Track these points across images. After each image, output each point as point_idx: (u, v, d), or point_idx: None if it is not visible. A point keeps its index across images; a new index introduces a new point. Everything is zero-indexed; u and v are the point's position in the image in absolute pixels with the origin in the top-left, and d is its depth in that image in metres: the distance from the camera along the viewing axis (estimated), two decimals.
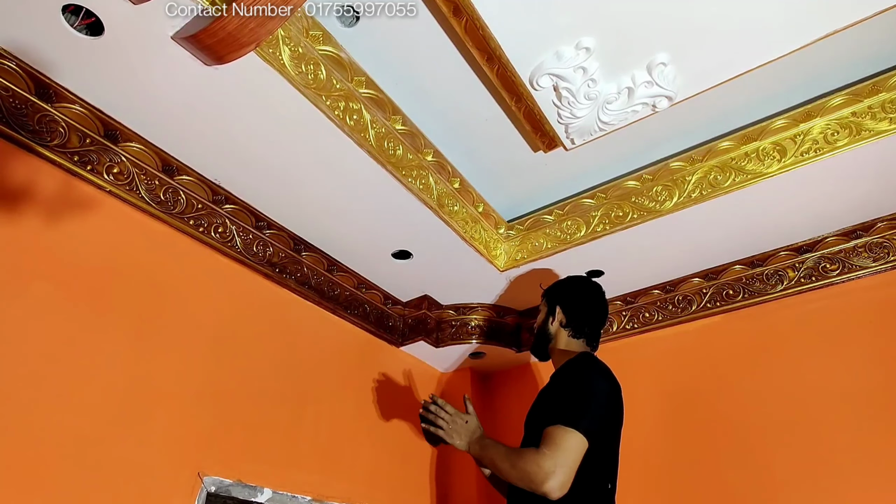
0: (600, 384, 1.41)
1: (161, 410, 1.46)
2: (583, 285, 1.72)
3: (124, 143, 1.49)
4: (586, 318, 1.64)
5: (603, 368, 1.49)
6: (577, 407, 1.33)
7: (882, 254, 1.87)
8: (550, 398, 1.47)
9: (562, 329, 1.64)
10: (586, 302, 1.67)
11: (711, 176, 1.76)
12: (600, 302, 1.69)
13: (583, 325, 1.63)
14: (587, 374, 1.44)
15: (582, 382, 1.41)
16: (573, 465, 1.25)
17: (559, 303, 1.67)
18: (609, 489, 1.39)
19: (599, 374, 1.44)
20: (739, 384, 1.99)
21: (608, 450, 1.41)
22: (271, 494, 1.63)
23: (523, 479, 1.28)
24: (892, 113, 1.53)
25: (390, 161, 1.65)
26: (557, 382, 1.49)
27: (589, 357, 1.52)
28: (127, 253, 1.50)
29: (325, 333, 2.05)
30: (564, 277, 1.80)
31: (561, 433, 1.27)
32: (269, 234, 1.85)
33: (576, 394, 1.37)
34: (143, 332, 1.48)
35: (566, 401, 1.36)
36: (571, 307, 1.65)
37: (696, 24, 1.26)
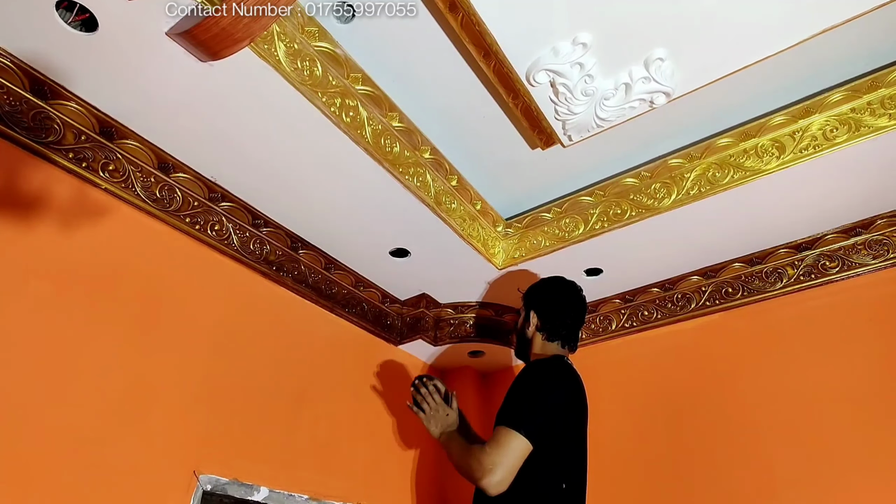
0: (553, 386, 1.46)
1: (158, 409, 1.45)
2: (557, 288, 1.73)
3: (120, 141, 1.49)
4: (561, 321, 1.66)
5: (563, 373, 1.51)
6: (524, 410, 1.40)
7: (882, 251, 1.86)
8: (506, 399, 1.52)
9: (537, 332, 1.67)
10: (560, 305, 1.68)
11: (710, 173, 1.75)
12: (575, 304, 1.70)
13: (557, 328, 1.65)
14: (541, 377, 1.49)
15: (533, 386, 1.47)
16: (512, 465, 1.32)
17: (534, 307, 1.70)
18: (564, 489, 1.42)
19: (555, 378, 1.48)
20: (739, 383, 1.99)
21: (564, 451, 1.45)
22: (268, 493, 1.62)
23: (466, 472, 1.38)
24: (892, 109, 1.52)
25: (387, 158, 1.64)
26: (514, 384, 1.53)
27: (553, 361, 1.55)
28: (124, 251, 1.49)
29: (322, 332, 2.04)
30: (541, 279, 1.82)
31: (504, 434, 1.35)
32: (266, 231, 1.85)
33: (525, 397, 1.44)
34: (140, 330, 1.47)
35: (516, 402, 1.44)
36: (545, 311, 1.68)
37: (694, 20, 1.25)
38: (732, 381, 2.00)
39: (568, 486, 1.44)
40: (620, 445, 2.14)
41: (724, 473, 1.89)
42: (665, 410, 2.11)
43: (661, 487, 2.00)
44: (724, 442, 1.93)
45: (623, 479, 2.09)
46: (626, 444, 2.14)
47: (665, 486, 2.00)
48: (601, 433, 2.20)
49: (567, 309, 1.69)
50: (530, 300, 1.74)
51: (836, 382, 1.80)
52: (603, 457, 2.16)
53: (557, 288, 1.74)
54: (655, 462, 2.05)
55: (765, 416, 1.89)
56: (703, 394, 2.05)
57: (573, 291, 1.73)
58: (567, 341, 1.67)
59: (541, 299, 1.72)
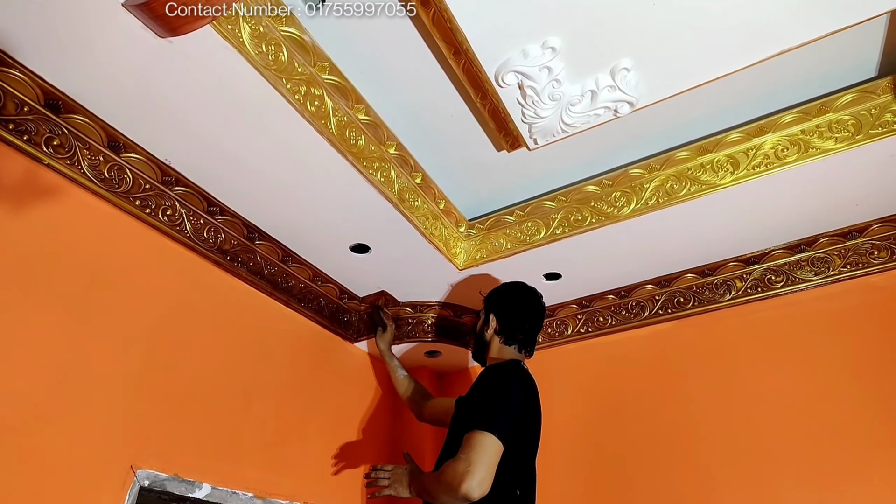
0: (516, 390, 1.47)
1: (94, 398, 1.38)
2: (518, 293, 1.76)
3: (67, 115, 1.41)
4: (519, 326, 1.68)
5: (523, 377, 1.53)
6: (491, 411, 1.39)
7: (823, 268, 1.95)
8: (467, 405, 1.52)
9: (495, 336, 1.69)
10: (520, 310, 1.71)
11: (668, 184, 1.80)
12: (535, 310, 1.73)
13: (515, 332, 1.68)
14: (503, 379, 1.50)
15: (497, 387, 1.47)
16: (489, 465, 1.29)
17: (493, 310, 1.72)
18: (518, 495, 1.43)
19: (517, 381, 1.50)
20: (686, 389, 2.05)
21: (520, 457, 1.46)
22: (210, 490, 1.56)
23: (446, 489, 1.31)
24: (838, 133, 1.60)
25: (351, 151, 1.61)
26: (474, 389, 1.54)
27: (511, 366, 1.56)
28: (66, 231, 1.41)
29: (276, 326, 1.99)
30: (502, 284, 1.84)
31: (475, 436, 1.32)
32: (222, 220, 1.78)
33: (491, 399, 1.44)
34: (79, 315, 1.39)
35: (482, 406, 1.42)
36: (505, 315, 1.69)
37: (660, 33, 1.28)
38: (680, 388, 2.06)
39: (521, 492, 1.45)
40: (570, 448, 2.17)
41: (668, 476, 1.95)
42: (615, 415, 2.15)
43: (609, 489, 2.04)
44: (670, 446, 1.99)
45: (571, 481, 2.12)
46: (576, 446, 2.17)
47: (612, 487, 2.04)
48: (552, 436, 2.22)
49: (526, 314, 1.71)
50: (491, 304, 1.75)
51: (778, 392, 1.88)
52: (552, 459, 2.18)
53: (518, 293, 1.76)
54: (603, 464, 2.09)
55: (709, 421, 1.95)
56: (652, 399, 2.10)
57: (533, 297, 1.75)
58: (524, 346, 1.69)
59: (501, 303, 1.73)
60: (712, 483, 1.86)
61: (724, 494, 1.83)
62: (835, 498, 1.68)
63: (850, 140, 1.58)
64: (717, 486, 1.85)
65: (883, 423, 1.70)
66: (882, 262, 1.87)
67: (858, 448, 1.70)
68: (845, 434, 1.73)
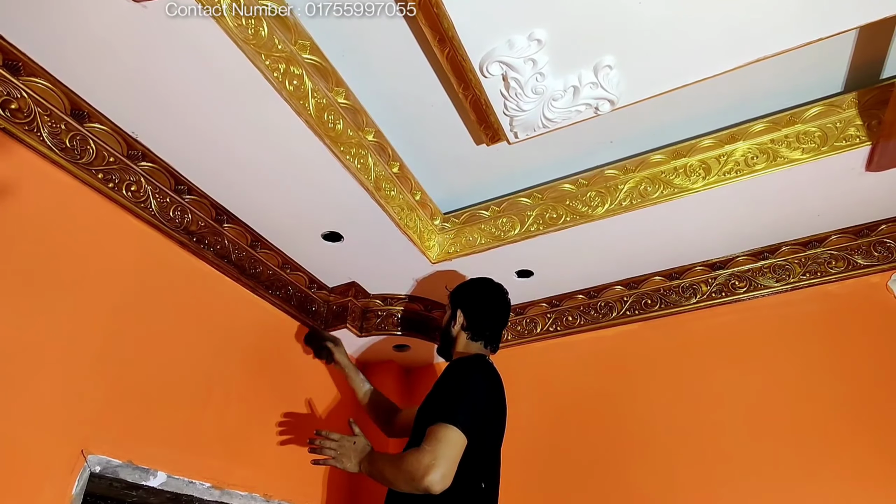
0: (480, 383, 1.47)
1: (44, 378, 1.30)
2: (485, 289, 1.77)
3: (27, 78, 1.33)
4: (486, 321, 1.70)
5: (488, 370, 1.54)
6: (455, 404, 1.39)
7: (784, 275, 2.02)
8: (432, 398, 1.52)
9: (462, 332, 1.69)
10: (487, 306, 1.72)
11: (642, 186, 1.83)
12: (501, 306, 1.75)
13: (482, 328, 1.69)
14: (467, 372, 1.49)
15: (461, 380, 1.47)
16: (453, 458, 1.29)
17: (461, 306, 1.72)
18: (483, 489, 1.43)
19: (481, 375, 1.50)
20: (650, 389, 2.08)
21: (484, 450, 1.46)
22: (165, 479, 1.50)
23: (406, 479, 1.30)
24: (805, 144, 1.66)
25: (329, 135, 1.57)
26: (440, 382, 1.54)
27: (477, 360, 1.56)
28: (20, 200, 1.33)
29: (242, 312, 1.93)
30: (469, 280, 1.85)
31: (439, 429, 1.32)
32: (189, 199, 1.72)
33: (454, 391, 1.44)
34: (31, 288, 1.31)
35: (446, 399, 1.42)
36: (472, 311, 1.70)
37: (643, 33, 1.30)
38: (645, 388, 2.09)
39: (486, 485, 1.45)
40: (534, 445, 2.18)
41: (631, 474, 1.98)
42: (580, 413, 2.17)
43: (572, 486, 2.06)
44: (633, 444, 2.02)
45: (535, 478, 2.12)
46: (540, 444, 2.18)
47: (575, 485, 2.05)
48: (518, 432, 2.23)
49: (493, 310, 1.73)
50: (457, 299, 1.76)
51: (737, 393, 1.93)
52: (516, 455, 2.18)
53: (485, 289, 1.77)
54: (567, 462, 2.11)
55: (672, 421, 1.99)
56: (617, 399, 2.13)
57: (500, 294, 1.77)
58: (490, 342, 1.70)
59: (468, 299, 1.74)
60: (673, 481, 1.90)
61: (684, 492, 1.87)
62: (792, 496, 1.74)
63: (816, 151, 1.64)
64: (678, 485, 1.89)
65: (837, 423, 1.77)
66: (839, 272, 1.95)
67: (815, 447, 1.76)
68: (802, 434, 1.79)
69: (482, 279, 1.82)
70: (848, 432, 1.74)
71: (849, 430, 1.75)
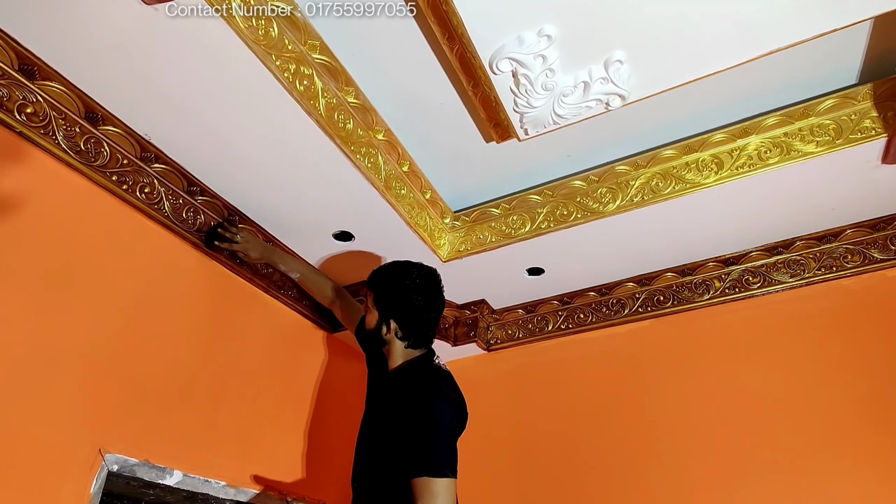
0: (443, 415, 1.38)
1: (63, 378, 1.32)
2: (421, 293, 1.53)
3: (42, 82, 1.35)
4: (423, 329, 1.53)
5: (441, 385, 1.44)
6: (435, 452, 1.31)
7: (799, 270, 2.00)
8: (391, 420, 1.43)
9: (398, 340, 1.53)
10: (426, 314, 1.53)
11: (653, 182, 1.82)
12: (439, 308, 1.57)
13: (418, 333, 1.53)
14: (429, 405, 1.37)
15: (426, 419, 1.35)
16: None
17: (394, 316, 1.52)
18: None
19: (440, 399, 1.40)
20: (662, 387, 2.07)
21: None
22: (181, 477, 1.51)
23: None
24: (819, 137, 1.64)
25: (339, 134, 1.58)
26: (398, 404, 1.43)
27: (426, 371, 1.48)
28: (36, 203, 1.35)
29: (254, 312, 1.94)
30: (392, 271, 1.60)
31: (433, 485, 1.26)
32: (202, 200, 1.73)
33: (426, 435, 1.33)
34: (49, 290, 1.34)
35: (418, 443, 1.32)
36: (409, 322, 1.51)
37: (654, 27, 1.29)
38: (658, 386, 2.08)
39: None
40: (548, 444, 2.17)
41: (644, 472, 1.96)
42: (592, 411, 2.16)
43: (586, 485, 2.05)
44: (647, 442, 2.00)
45: (547, 476, 2.12)
46: (553, 442, 2.17)
47: (588, 483, 2.04)
48: (530, 431, 2.23)
49: (430, 314, 1.54)
50: (387, 305, 1.53)
51: (751, 390, 1.91)
52: (530, 454, 2.19)
53: (416, 288, 1.53)
54: (580, 460, 2.10)
55: (685, 419, 1.98)
56: (629, 396, 2.12)
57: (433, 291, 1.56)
58: (428, 343, 1.57)
59: (398, 304, 1.52)
60: (687, 479, 1.89)
61: (699, 491, 1.85)
62: (807, 494, 1.71)
63: (831, 144, 1.62)
64: (693, 483, 1.87)
65: (854, 421, 1.74)
66: (855, 266, 1.92)
67: (830, 446, 1.74)
68: (819, 431, 1.77)
69: (409, 274, 1.56)
70: (866, 430, 1.72)
71: (866, 428, 1.72)
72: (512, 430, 2.25)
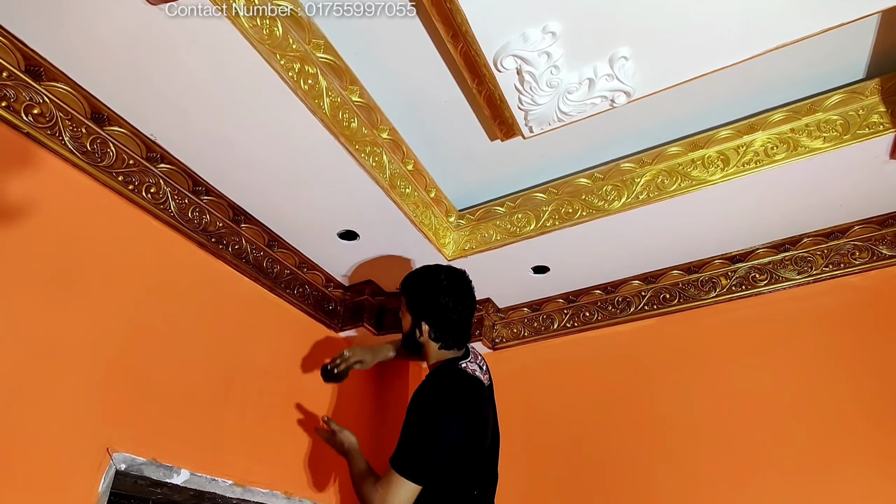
0: (448, 424, 1.39)
1: (70, 378, 1.33)
2: (450, 294, 1.56)
3: (48, 83, 1.35)
4: (454, 330, 1.57)
5: (457, 396, 1.46)
6: (414, 451, 1.37)
7: (806, 267, 1.98)
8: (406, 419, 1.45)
9: (430, 342, 1.57)
10: (454, 313, 1.55)
11: (659, 179, 1.81)
12: (468, 307, 1.59)
13: (451, 335, 1.56)
14: (434, 410, 1.40)
15: (426, 422, 1.39)
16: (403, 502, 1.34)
17: (425, 318, 1.56)
18: (475, 495, 1.45)
19: (450, 411, 1.41)
20: (669, 385, 2.06)
21: (470, 466, 1.44)
22: (188, 476, 1.52)
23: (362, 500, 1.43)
24: (826, 132, 1.63)
25: (344, 133, 1.58)
26: (411, 404, 1.45)
27: (449, 376, 1.50)
28: (44, 203, 1.35)
29: (260, 312, 1.95)
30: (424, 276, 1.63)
31: (393, 478, 1.34)
32: (207, 200, 1.74)
33: (417, 434, 1.39)
34: (56, 290, 1.34)
35: (408, 437, 1.40)
36: (438, 322, 1.55)
37: (658, 23, 1.28)
38: (664, 384, 2.07)
39: (478, 491, 1.46)
40: (553, 442, 2.17)
41: (651, 470, 1.96)
42: (598, 410, 2.16)
43: (592, 483, 2.04)
44: (653, 440, 2.00)
45: (553, 474, 2.11)
46: (559, 440, 2.17)
47: (595, 481, 2.04)
48: (535, 429, 2.23)
49: (461, 316, 1.58)
50: (420, 308, 1.58)
51: (760, 389, 1.90)
52: (535, 452, 2.18)
53: (448, 293, 1.56)
54: (586, 458, 2.09)
55: (692, 417, 1.97)
56: (635, 395, 2.11)
57: (465, 293, 1.59)
58: (461, 344, 1.60)
59: (431, 308, 1.56)
60: (695, 477, 1.88)
61: (706, 488, 1.85)
62: (815, 492, 1.71)
63: (838, 140, 1.61)
64: (700, 481, 1.87)
65: (860, 418, 1.73)
66: (863, 263, 1.90)
67: (838, 443, 1.73)
68: (826, 430, 1.76)
69: (438, 276, 1.60)
70: (873, 428, 1.70)
71: (874, 427, 1.71)
72: (518, 428, 2.24)
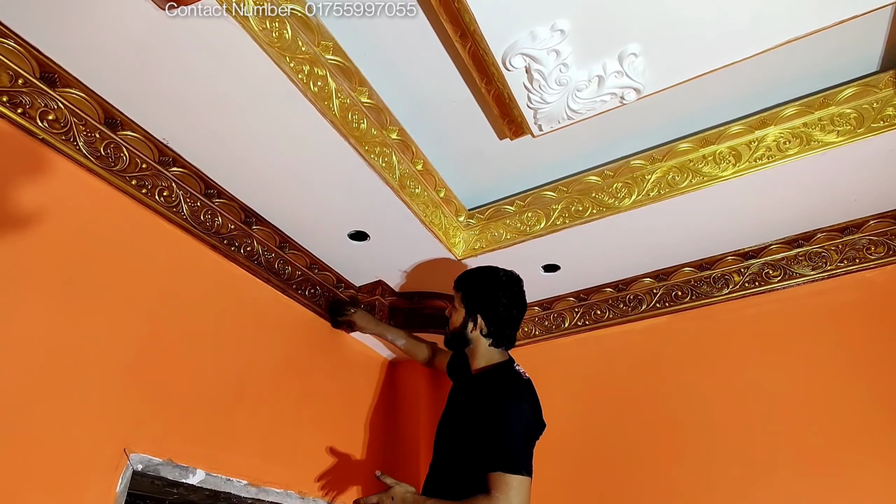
0: (520, 415, 1.44)
1: (87, 380, 1.34)
2: (507, 290, 1.63)
3: (63, 89, 1.37)
4: (509, 326, 1.61)
5: (520, 389, 1.51)
6: (512, 448, 1.38)
7: (820, 263, 1.96)
8: (469, 418, 1.49)
9: (482, 338, 1.61)
10: (510, 309, 1.61)
11: (670, 176, 1.80)
12: (522, 306, 1.66)
13: (505, 334, 1.62)
14: (506, 404, 1.45)
15: (502, 417, 1.42)
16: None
17: (481, 311, 1.60)
18: None
19: (517, 400, 1.46)
20: (683, 382, 2.05)
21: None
22: (204, 476, 1.53)
23: None
24: (840, 126, 1.61)
25: (353, 134, 1.59)
26: (476, 403, 1.49)
27: (507, 374, 1.54)
28: (59, 207, 1.37)
29: (272, 312, 1.96)
30: (482, 273, 1.70)
31: (506, 480, 1.33)
32: (219, 203, 1.75)
33: (501, 433, 1.40)
34: (71, 294, 1.36)
35: (493, 439, 1.39)
36: (494, 317, 1.59)
37: (668, 19, 1.27)
38: (677, 381, 2.06)
39: None
40: (565, 441, 2.16)
41: (665, 468, 1.95)
42: (611, 408, 2.15)
43: (606, 482, 2.04)
44: (667, 438, 1.98)
45: (566, 473, 2.11)
46: (572, 439, 2.16)
47: (609, 480, 2.03)
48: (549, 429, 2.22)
49: (516, 313, 1.63)
50: (476, 301, 1.63)
51: (774, 386, 1.89)
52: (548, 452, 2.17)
53: (505, 289, 1.63)
54: (600, 457, 2.08)
55: (705, 414, 1.95)
56: (648, 392, 2.10)
57: (519, 292, 1.65)
58: (510, 343, 1.64)
59: (488, 302, 1.61)
60: (709, 475, 1.87)
61: (720, 487, 1.83)
62: (830, 490, 1.69)
63: (852, 133, 1.59)
64: (714, 479, 1.85)
65: (877, 416, 1.71)
66: (878, 258, 1.88)
67: (853, 440, 1.71)
68: (840, 426, 1.74)
69: (496, 273, 1.68)
70: (890, 425, 1.68)
71: (891, 424, 1.69)
72: None
